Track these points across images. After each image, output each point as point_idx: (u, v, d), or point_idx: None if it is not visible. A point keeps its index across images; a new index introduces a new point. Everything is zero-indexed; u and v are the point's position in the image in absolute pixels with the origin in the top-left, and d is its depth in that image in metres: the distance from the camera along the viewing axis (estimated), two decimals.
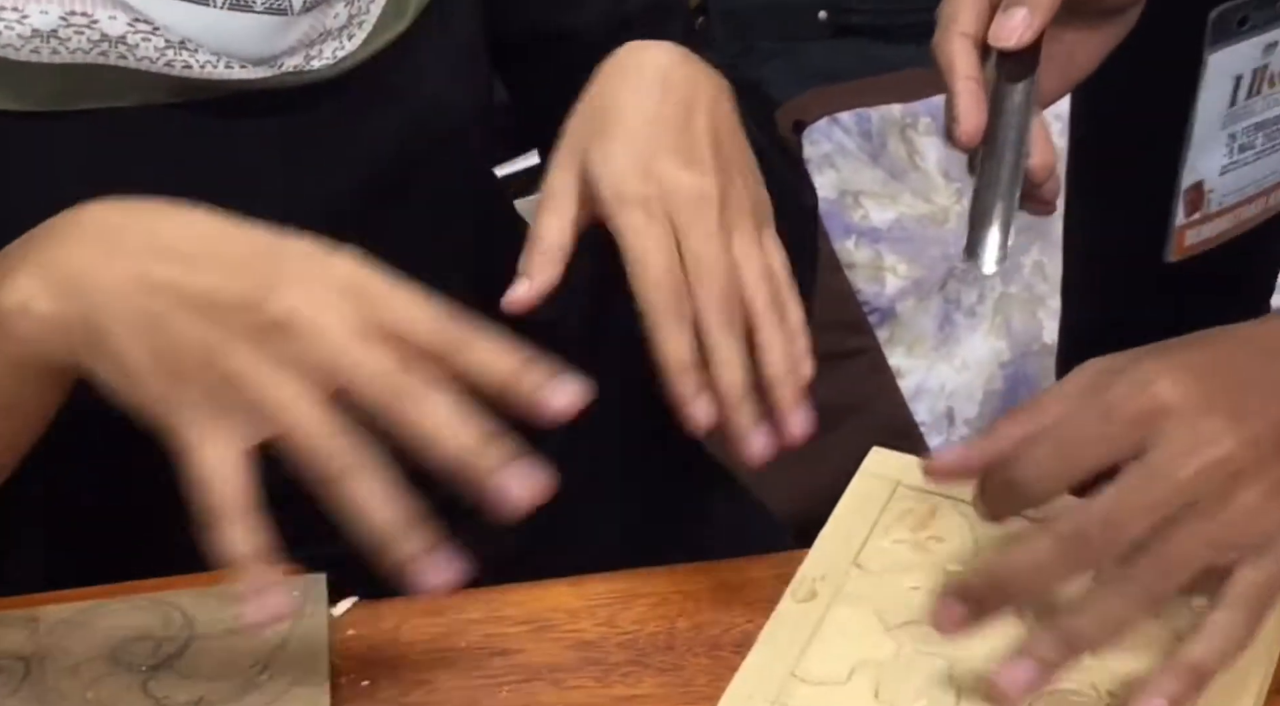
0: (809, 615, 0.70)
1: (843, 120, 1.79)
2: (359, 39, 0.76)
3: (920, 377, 1.70)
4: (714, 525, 0.98)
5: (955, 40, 0.73)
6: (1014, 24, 0.71)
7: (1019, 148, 0.72)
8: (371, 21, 0.77)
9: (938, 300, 1.74)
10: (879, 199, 1.76)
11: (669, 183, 0.71)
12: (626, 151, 0.72)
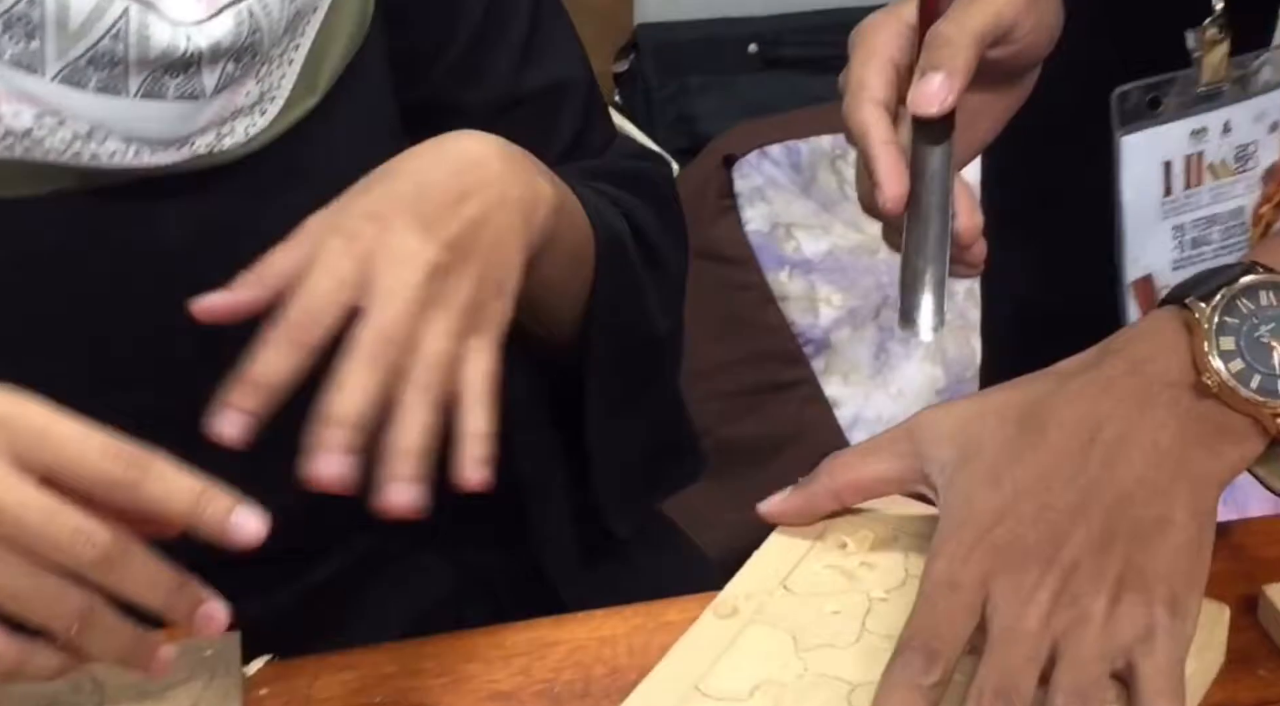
0: (726, 631, 0.70)
1: (772, 153, 1.80)
2: (271, 114, 0.76)
3: (857, 407, 1.71)
4: (640, 567, 0.98)
5: (867, 106, 0.74)
6: (933, 90, 0.72)
7: (944, 211, 0.73)
8: (283, 97, 0.76)
9: (872, 329, 1.75)
10: (811, 230, 1.77)
11: (393, 236, 0.68)
12: (371, 200, 0.69)
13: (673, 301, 0.88)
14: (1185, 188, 0.83)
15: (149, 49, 0.70)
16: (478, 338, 0.68)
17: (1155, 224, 0.83)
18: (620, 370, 0.83)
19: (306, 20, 0.77)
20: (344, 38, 0.79)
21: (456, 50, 0.84)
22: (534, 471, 0.87)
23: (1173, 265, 0.84)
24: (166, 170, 0.73)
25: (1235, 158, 0.82)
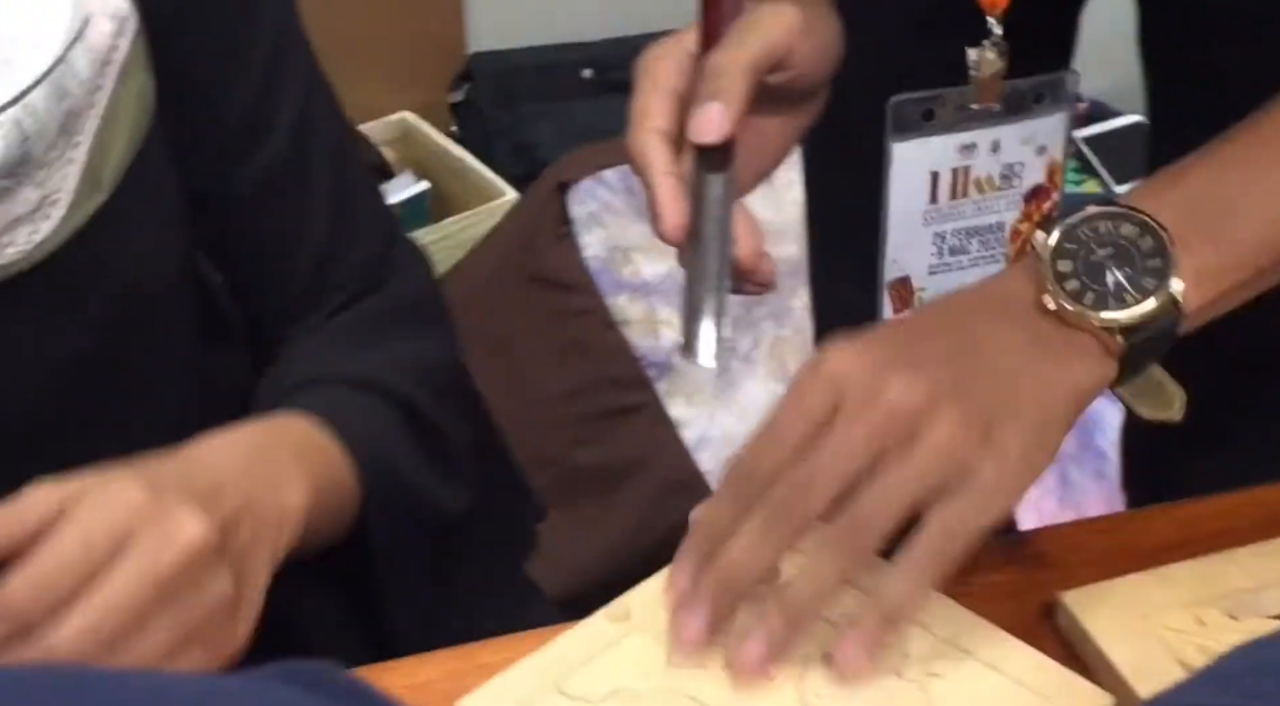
0: (610, 634, 0.70)
1: (607, 178, 1.81)
2: (55, 219, 0.74)
3: (703, 427, 1.71)
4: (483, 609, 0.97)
5: (649, 136, 0.74)
6: (710, 118, 0.72)
7: (723, 240, 0.74)
8: (67, 199, 0.74)
9: None
10: (648, 253, 1.77)
11: (160, 504, 0.67)
12: (126, 478, 0.68)
13: (463, 474, 0.88)
14: (951, 198, 0.85)
15: None
16: (193, 655, 0.67)
17: (918, 229, 0.85)
18: (410, 556, 0.83)
19: (84, 118, 0.75)
20: (127, 130, 0.77)
21: (230, 136, 0.84)
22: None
23: (929, 270, 0.86)
24: None
25: (1001, 175, 0.84)
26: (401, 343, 0.87)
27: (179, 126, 0.81)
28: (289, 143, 0.85)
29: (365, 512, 0.81)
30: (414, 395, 0.86)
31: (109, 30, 0.75)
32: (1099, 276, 0.68)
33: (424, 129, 2.16)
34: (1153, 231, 0.68)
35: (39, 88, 0.72)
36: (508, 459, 1.02)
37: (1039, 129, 0.83)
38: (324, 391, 0.83)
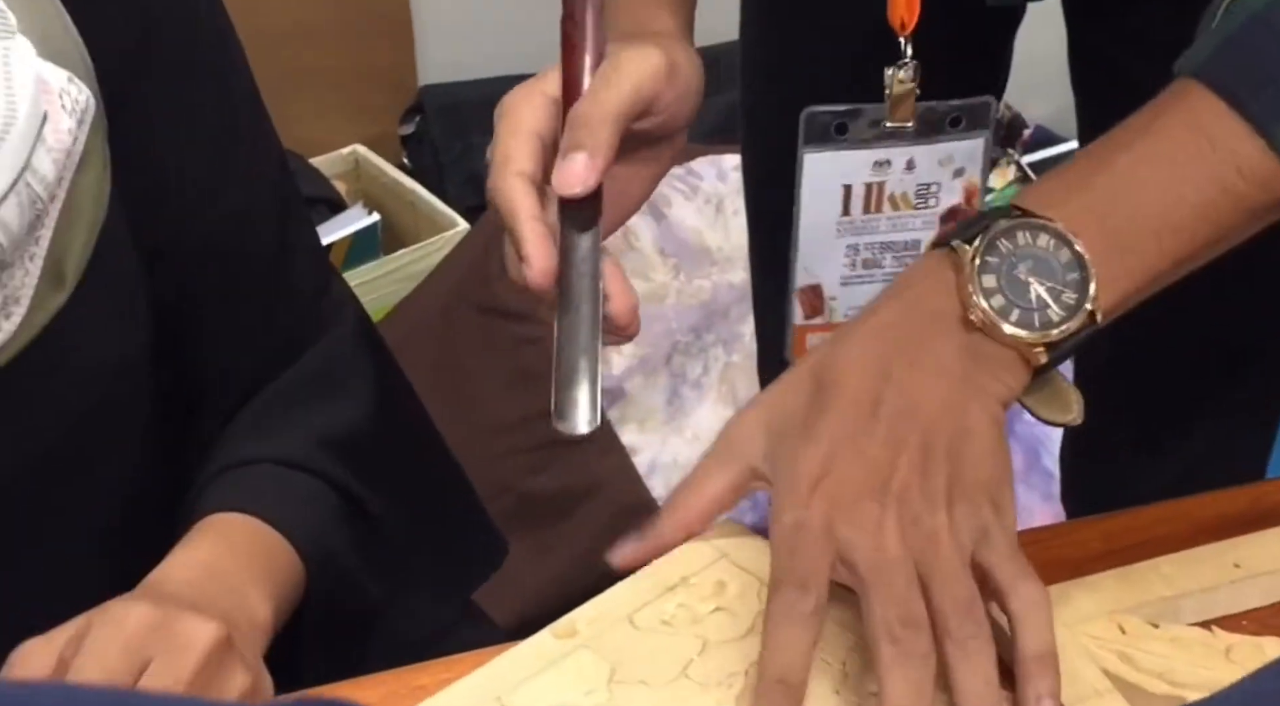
0: (554, 650, 0.70)
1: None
2: (17, 318, 0.73)
3: (654, 453, 1.72)
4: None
5: (513, 181, 0.73)
6: (576, 171, 0.71)
7: (595, 298, 0.71)
8: (27, 298, 0.74)
9: (664, 375, 1.77)
10: None
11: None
12: (123, 603, 0.70)
13: (393, 563, 0.89)
14: (864, 212, 0.86)
15: None
16: None
17: (830, 240, 0.86)
18: (338, 633, 0.83)
19: (45, 214, 0.74)
20: (86, 220, 0.76)
21: (185, 190, 0.82)
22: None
23: (841, 280, 0.87)
24: None
25: (916, 194, 0.86)
26: (326, 415, 0.87)
27: (133, 186, 0.79)
28: (242, 202, 0.84)
29: (309, 597, 0.82)
30: (347, 480, 0.86)
31: (69, 127, 0.74)
32: (1023, 292, 0.69)
33: (375, 161, 2.17)
34: (1068, 244, 0.69)
35: (7, 200, 0.70)
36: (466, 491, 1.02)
37: (956, 151, 0.84)
38: (263, 477, 0.83)
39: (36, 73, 0.72)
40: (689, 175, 1.86)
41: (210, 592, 0.74)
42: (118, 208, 0.78)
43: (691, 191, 1.85)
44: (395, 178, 2.15)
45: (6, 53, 0.71)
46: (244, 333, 0.85)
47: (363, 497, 0.87)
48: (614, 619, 0.71)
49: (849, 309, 0.87)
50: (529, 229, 0.71)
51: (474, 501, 1.02)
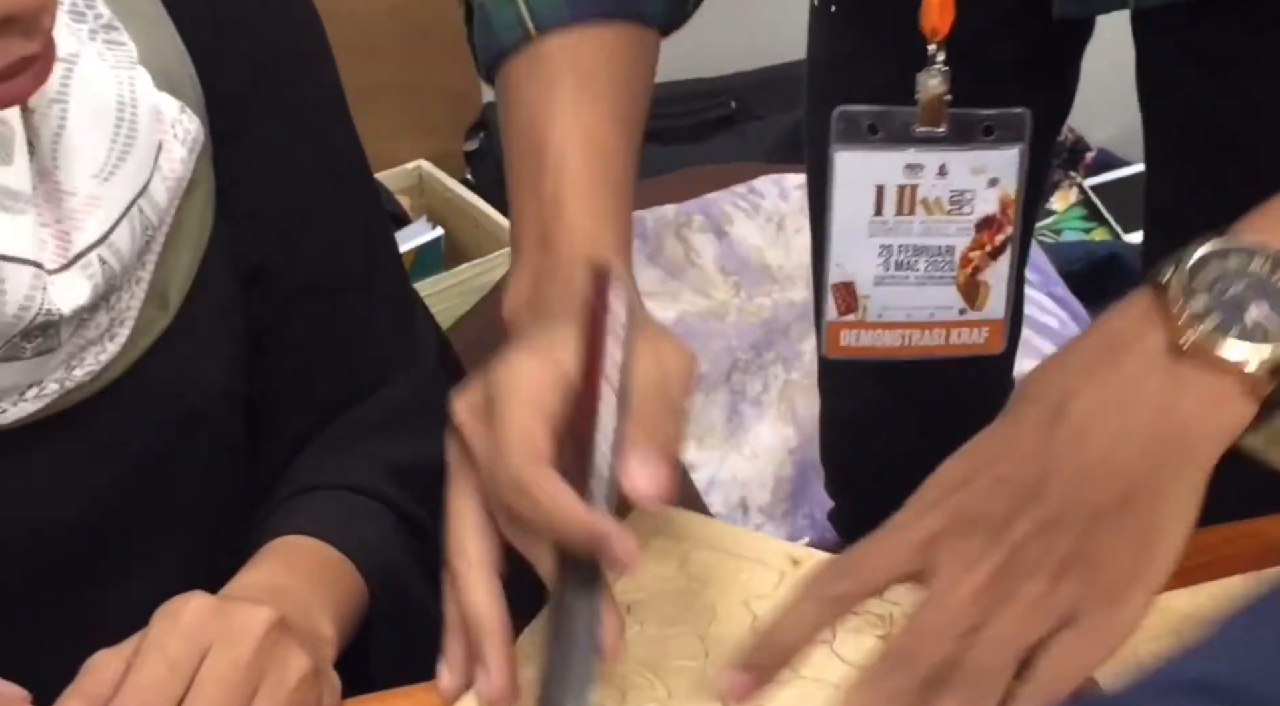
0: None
1: None
2: (121, 339, 0.75)
3: (713, 469, 1.73)
4: None
5: (545, 473, 0.64)
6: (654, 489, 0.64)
7: (589, 653, 0.66)
8: (131, 319, 0.75)
9: (724, 392, 1.77)
10: (659, 298, 1.79)
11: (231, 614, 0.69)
12: (185, 598, 0.69)
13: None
14: (896, 213, 0.85)
15: (5, 311, 0.69)
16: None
17: (863, 239, 0.86)
18: (405, 657, 0.83)
19: (154, 239, 0.76)
20: (190, 245, 0.78)
21: (286, 216, 0.83)
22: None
23: (875, 280, 0.87)
24: (21, 422, 0.73)
25: (950, 200, 0.85)
26: (402, 447, 0.87)
27: (235, 210, 0.80)
28: (336, 228, 0.85)
29: (372, 618, 0.83)
30: (416, 511, 0.86)
31: (180, 156, 0.76)
32: (1238, 313, 0.63)
33: (439, 177, 2.19)
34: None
35: (120, 225, 0.72)
36: None
37: (990, 161, 0.84)
38: (331, 501, 0.84)
39: (154, 103, 0.74)
40: (751, 193, 1.87)
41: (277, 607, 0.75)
42: (220, 233, 0.80)
43: (753, 210, 1.86)
44: (459, 193, 2.16)
45: (132, 82, 0.73)
46: (329, 358, 0.86)
47: (428, 526, 0.87)
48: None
49: (882, 309, 0.87)
50: (594, 519, 0.64)
51: None
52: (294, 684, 0.68)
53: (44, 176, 0.71)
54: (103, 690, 0.66)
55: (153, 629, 0.67)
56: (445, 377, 0.92)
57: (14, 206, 0.69)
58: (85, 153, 0.72)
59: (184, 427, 0.80)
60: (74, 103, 0.72)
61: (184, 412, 0.79)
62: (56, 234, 0.71)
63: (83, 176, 0.71)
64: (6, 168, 0.69)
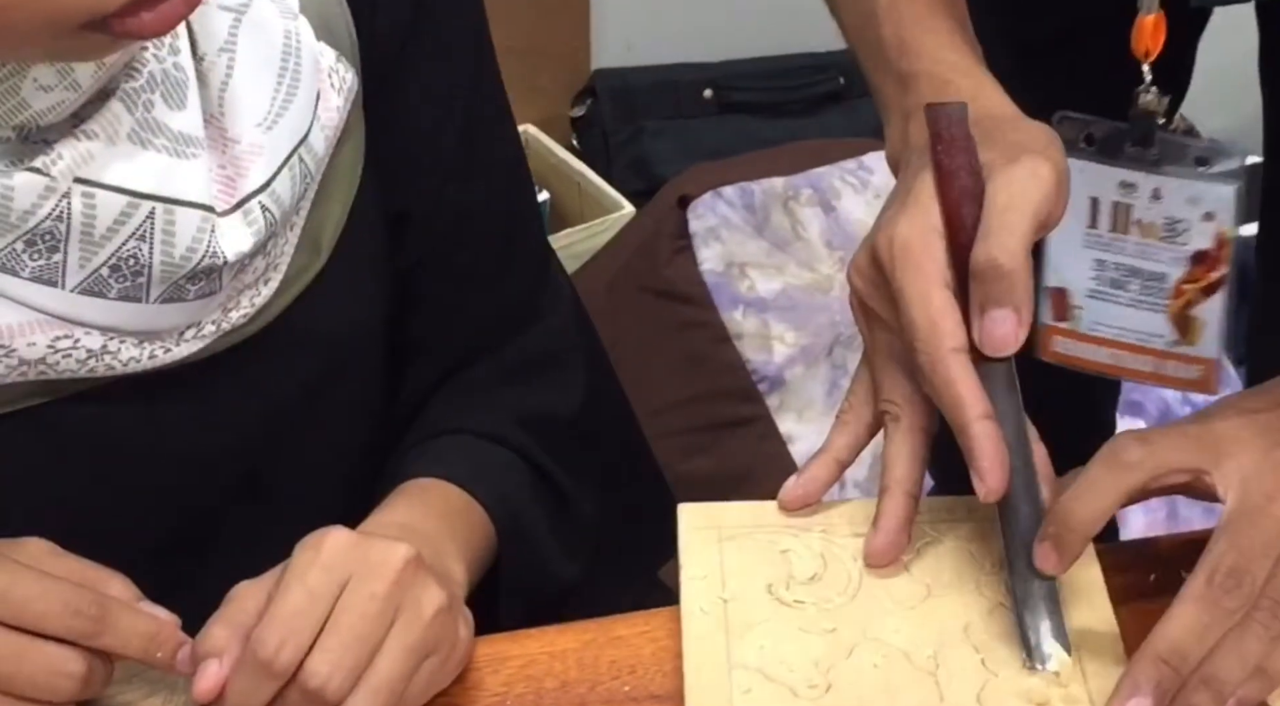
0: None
1: (726, 194, 1.83)
2: (275, 284, 0.77)
3: (811, 443, 1.73)
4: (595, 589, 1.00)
5: (953, 363, 0.69)
6: (1008, 331, 0.69)
7: (1035, 496, 0.70)
8: (285, 263, 0.77)
9: (825, 366, 1.77)
10: (764, 270, 1.80)
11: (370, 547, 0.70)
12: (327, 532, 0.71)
13: (583, 544, 0.90)
14: (1111, 229, 0.84)
15: (173, 253, 0.70)
16: (430, 665, 0.70)
17: (1078, 248, 0.85)
18: (529, 607, 0.85)
19: (310, 187, 0.77)
20: (343, 193, 0.79)
21: (434, 162, 0.84)
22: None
23: (1088, 292, 0.86)
24: (179, 363, 0.75)
25: (1164, 227, 0.84)
26: (535, 396, 0.89)
27: (385, 152, 0.82)
28: (486, 181, 0.86)
29: (499, 563, 0.84)
30: (544, 461, 0.88)
31: (337, 105, 0.77)
32: None
33: (545, 142, 2.20)
34: None
35: (284, 172, 0.74)
36: (653, 466, 1.04)
37: (1205, 193, 0.82)
38: (462, 447, 0.86)
39: (315, 53, 0.76)
40: (860, 169, 1.86)
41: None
42: (370, 178, 0.81)
43: (861, 185, 1.86)
44: (564, 158, 2.18)
45: (296, 33, 0.75)
46: (468, 304, 0.87)
47: (557, 476, 0.89)
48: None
49: (1094, 323, 0.85)
50: (981, 432, 0.68)
51: (665, 489, 1.04)
52: (429, 617, 0.69)
53: (211, 122, 0.72)
54: (246, 618, 0.68)
55: (294, 560, 0.69)
56: (577, 329, 0.93)
57: (186, 151, 0.71)
58: (251, 101, 0.73)
59: (331, 370, 0.82)
60: (241, 51, 0.73)
61: (331, 356, 0.81)
62: (221, 179, 0.72)
63: (247, 124, 0.73)
64: (180, 112, 0.71)
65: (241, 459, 0.80)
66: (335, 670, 0.66)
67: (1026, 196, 0.71)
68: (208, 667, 0.67)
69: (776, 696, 0.69)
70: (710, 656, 0.71)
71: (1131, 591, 0.73)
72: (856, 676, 0.70)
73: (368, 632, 0.67)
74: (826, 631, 0.72)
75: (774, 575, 0.75)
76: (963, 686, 0.69)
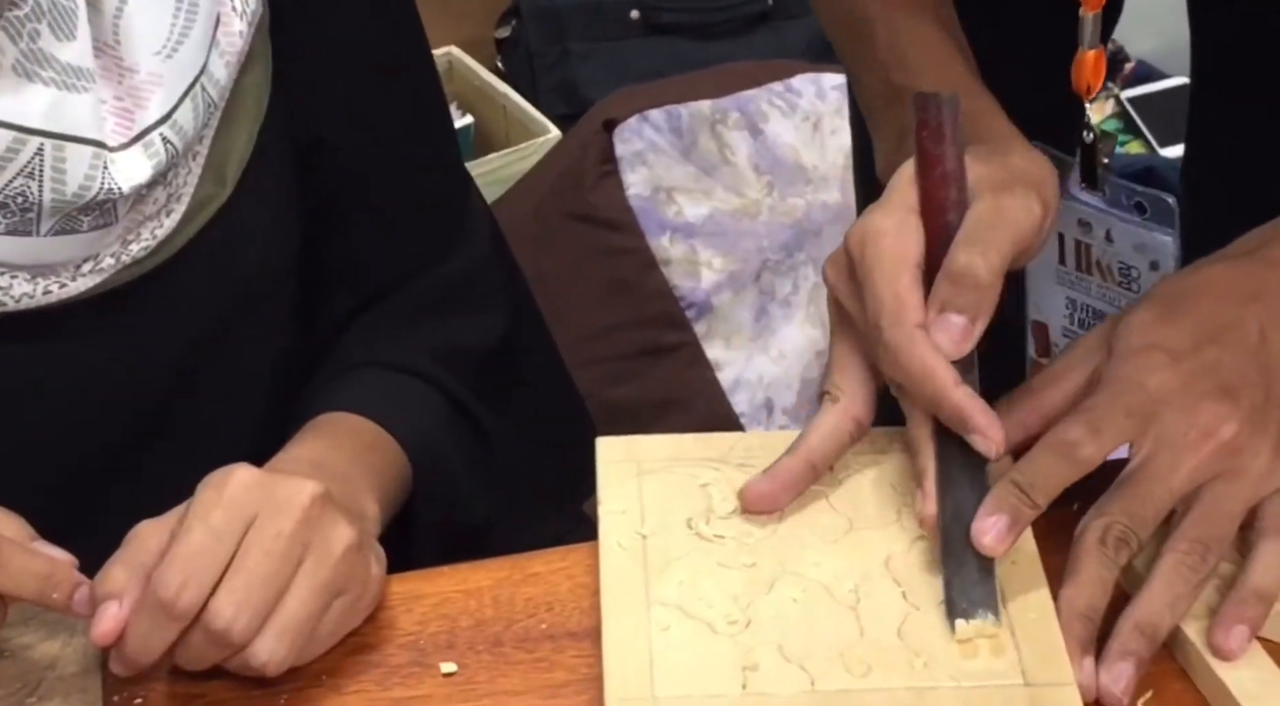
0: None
1: (653, 117, 1.81)
2: (178, 215, 0.74)
3: (739, 369, 1.72)
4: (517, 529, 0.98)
5: (918, 336, 0.68)
6: (956, 335, 0.68)
7: (981, 473, 0.70)
8: (188, 195, 0.75)
9: (753, 292, 1.76)
10: (692, 194, 1.78)
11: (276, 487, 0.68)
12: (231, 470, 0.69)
13: (501, 479, 0.89)
14: (1077, 268, 0.83)
15: (64, 190, 0.68)
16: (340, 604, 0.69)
17: (1051, 283, 0.84)
18: (448, 545, 0.84)
19: (214, 116, 0.75)
20: (248, 122, 0.77)
21: (347, 86, 0.82)
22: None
23: (1063, 330, 0.85)
24: (76, 298, 0.72)
25: (1120, 273, 0.82)
26: (452, 328, 0.87)
27: (294, 78, 0.80)
28: (400, 109, 0.84)
29: (413, 499, 0.83)
30: (461, 394, 0.86)
31: (239, 29, 0.74)
32: None
33: (469, 64, 2.16)
34: None
35: (186, 102, 0.71)
36: (576, 400, 1.02)
37: (1149, 241, 0.81)
38: (376, 380, 0.84)
39: None
40: (788, 91, 1.84)
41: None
42: (277, 107, 0.78)
43: (789, 108, 1.84)
44: (488, 81, 2.14)
45: None
46: (382, 235, 0.85)
47: (475, 410, 0.87)
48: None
49: None
50: (964, 396, 0.68)
51: (588, 423, 1.02)
52: (339, 555, 0.68)
53: (105, 52, 0.70)
54: (147, 558, 0.66)
55: (197, 499, 0.67)
56: (497, 260, 0.91)
57: (75, 84, 0.68)
58: (148, 28, 0.71)
59: (240, 302, 0.80)
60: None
61: (241, 287, 0.79)
62: (117, 111, 0.70)
63: (145, 53, 0.70)
64: (69, 43, 0.68)
65: (147, 394, 0.78)
66: (240, 611, 0.64)
67: (1015, 223, 0.70)
68: (107, 609, 0.65)
69: (695, 632, 0.68)
70: (628, 592, 0.69)
71: (1054, 521, 0.72)
72: (776, 611, 0.69)
73: (274, 572, 0.66)
74: (746, 566, 0.71)
75: (694, 509, 0.73)
76: (884, 620, 0.68)
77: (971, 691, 0.65)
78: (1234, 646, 0.67)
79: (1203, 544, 0.67)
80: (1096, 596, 0.67)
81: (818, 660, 0.66)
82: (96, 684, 0.67)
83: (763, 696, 0.65)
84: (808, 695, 0.65)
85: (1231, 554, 0.69)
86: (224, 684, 0.68)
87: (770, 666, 0.66)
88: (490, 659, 0.70)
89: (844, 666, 0.66)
